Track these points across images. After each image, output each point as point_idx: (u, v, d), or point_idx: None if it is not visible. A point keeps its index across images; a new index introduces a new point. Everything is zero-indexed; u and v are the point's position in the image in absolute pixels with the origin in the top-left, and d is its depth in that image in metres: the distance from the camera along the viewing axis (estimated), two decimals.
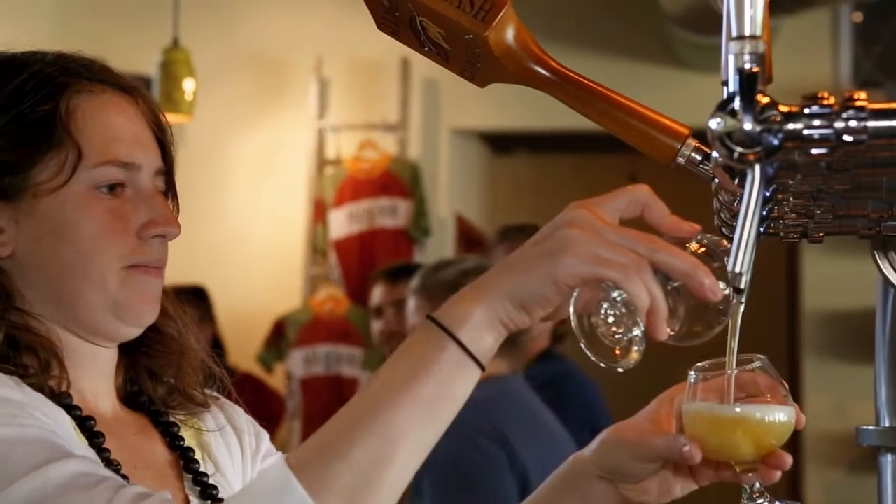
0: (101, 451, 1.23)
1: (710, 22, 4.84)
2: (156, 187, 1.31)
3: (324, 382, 5.41)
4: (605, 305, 1.05)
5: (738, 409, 1.16)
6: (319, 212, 5.57)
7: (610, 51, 5.45)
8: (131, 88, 1.33)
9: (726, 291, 1.04)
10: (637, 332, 1.03)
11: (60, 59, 1.31)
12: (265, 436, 1.45)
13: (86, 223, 1.25)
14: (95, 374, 1.30)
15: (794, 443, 5.89)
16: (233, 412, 1.42)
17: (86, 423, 1.24)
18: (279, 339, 5.43)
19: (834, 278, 5.39)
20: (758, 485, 1.20)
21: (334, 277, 5.53)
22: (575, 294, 1.05)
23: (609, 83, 1.24)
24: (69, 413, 1.23)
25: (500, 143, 6.61)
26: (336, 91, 5.73)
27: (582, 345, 1.07)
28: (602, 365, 1.06)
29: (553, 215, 1.05)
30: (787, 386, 1.20)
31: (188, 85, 4.52)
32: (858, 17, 5.61)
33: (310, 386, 5.41)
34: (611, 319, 1.05)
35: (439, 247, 5.56)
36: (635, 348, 1.04)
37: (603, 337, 1.06)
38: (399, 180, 5.50)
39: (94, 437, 1.24)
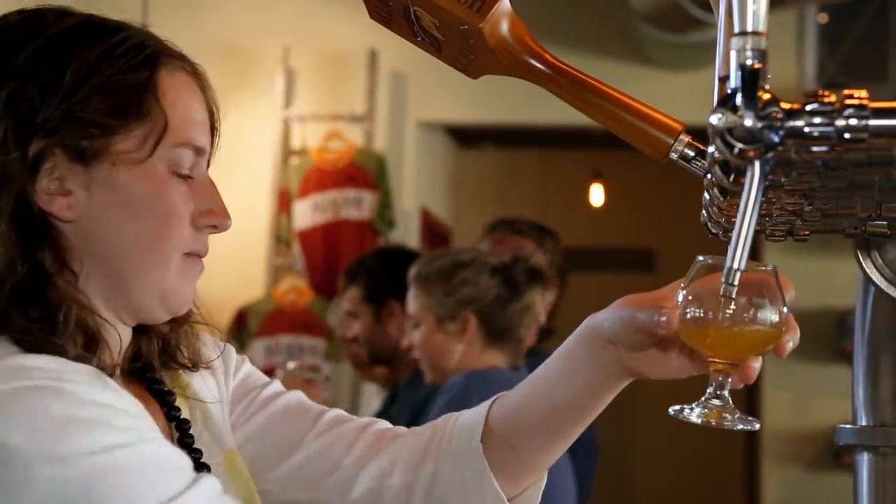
0: None
1: (679, 20, 4.85)
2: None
3: None
4: None
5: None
6: (284, 202, 5.54)
7: (578, 48, 5.45)
8: (199, 71, 1.29)
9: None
10: None
11: (146, 31, 1.27)
12: (231, 351, 1.47)
13: (162, 205, 1.22)
14: (115, 358, 1.26)
15: (752, 440, 5.92)
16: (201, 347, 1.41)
17: None
18: (241, 328, 5.40)
19: (793, 277, 5.39)
20: (721, 387, 1.18)
21: (298, 268, 5.51)
22: None
23: None
24: None
25: (465, 136, 6.62)
26: (303, 81, 5.70)
27: None
28: None
29: (518, 208, 1.05)
30: (785, 298, 1.19)
31: None
32: (824, 18, 5.64)
33: (270, 376, 5.38)
34: None
35: (404, 239, 5.55)
36: None
37: None
38: (364, 172, 5.48)
39: None
